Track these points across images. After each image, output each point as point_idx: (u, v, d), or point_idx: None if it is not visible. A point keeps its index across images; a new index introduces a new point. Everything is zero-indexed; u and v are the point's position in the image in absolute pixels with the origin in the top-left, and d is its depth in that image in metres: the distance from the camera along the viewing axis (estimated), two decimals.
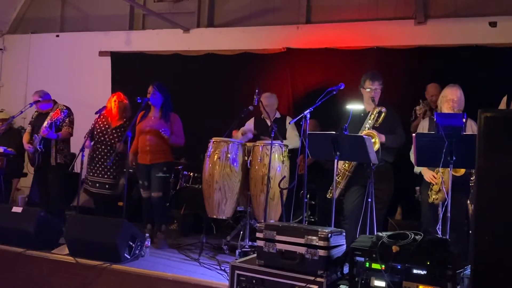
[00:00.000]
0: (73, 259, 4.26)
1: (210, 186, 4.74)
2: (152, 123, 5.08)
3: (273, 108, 5.40)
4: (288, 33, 6.80)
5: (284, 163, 4.78)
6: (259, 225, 3.55)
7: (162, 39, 7.48)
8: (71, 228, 4.48)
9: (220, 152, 4.73)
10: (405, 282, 2.89)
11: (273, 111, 5.40)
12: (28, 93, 7.94)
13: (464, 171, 3.99)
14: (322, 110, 4.53)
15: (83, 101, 6.40)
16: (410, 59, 6.08)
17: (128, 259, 4.28)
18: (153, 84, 5.12)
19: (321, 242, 3.20)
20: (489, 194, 2.64)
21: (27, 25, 8.60)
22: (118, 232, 4.25)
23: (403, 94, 5.82)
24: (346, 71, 6.00)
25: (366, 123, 4.43)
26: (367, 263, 2.98)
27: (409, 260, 2.89)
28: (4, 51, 8.71)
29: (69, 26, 8.36)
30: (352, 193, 4.47)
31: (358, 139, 4.04)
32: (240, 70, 6.85)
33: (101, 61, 7.81)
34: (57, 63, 8.10)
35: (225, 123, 5.16)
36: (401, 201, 5.59)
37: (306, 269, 3.22)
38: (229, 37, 7.10)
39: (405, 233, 3.02)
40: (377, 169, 4.19)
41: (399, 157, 4.53)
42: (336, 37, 6.50)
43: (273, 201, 4.65)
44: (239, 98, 6.17)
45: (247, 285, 3.38)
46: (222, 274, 4.01)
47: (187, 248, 5.04)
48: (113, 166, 5.28)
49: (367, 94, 4.55)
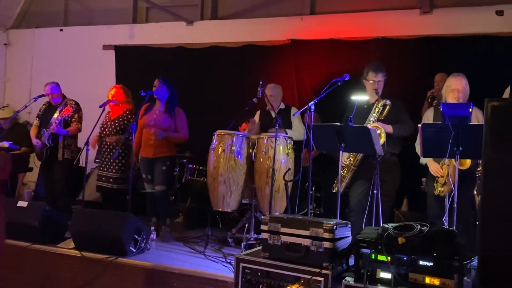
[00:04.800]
0: (78, 253, 4.28)
1: (214, 179, 4.73)
2: (156, 118, 5.06)
3: (278, 99, 5.38)
4: (292, 24, 6.75)
5: (289, 155, 4.76)
6: (263, 217, 3.55)
7: (165, 32, 7.45)
8: (76, 222, 4.49)
9: (224, 144, 4.72)
10: (411, 274, 2.87)
11: (278, 102, 5.38)
12: (33, 88, 7.99)
13: (469, 165, 3.95)
14: (327, 101, 4.51)
15: (87, 95, 6.38)
16: (416, 49, 6.02)
17: (134, 252, 4.28)
18: (159, 77, 5.11)
19: (326, 234, 3.20)
20: (496, 184, 2.61)
21: (31, 20, 8.60)
22: (123, 226, 4.25)
23: (409, 85, 5.78)
24: (351, 62, 5.95)
25: (370, 116, 4.39)
26: (372, 255, 2.96)
27: (415, 252, 2.87)
28: (8, 46, 8.72)
29: (73, 20, 8.36)
30: (358, 185, 4.45)
31: (363, 130, 4.01)
32: (244, 63, 6.82)
33: (105, 54, 7.80)
34: (61, 57, 8.10)
35: (229, 115, 5.13)
36: (408, 193, 5.55)
37: (311, 261, 3.21)
38: (233, 29, 7.06)
39: (411, 224, 2.99)
40: (383, 160, 4.17)
41: (405, 148, 4.50)
42: (341, 28, 6.45)
43: (278, 193, 4.63)
44: (243, 90, 6.13)
45: (252, 278, 3.38)
46: (227, 267, 4.00)
47: (193, 241, 5.04)
48: (120, 160, 5.27)
49: (370, 86, 4.51)
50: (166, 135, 4.97)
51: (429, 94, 5.30)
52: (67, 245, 4.47)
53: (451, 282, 2.79)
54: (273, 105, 5.20)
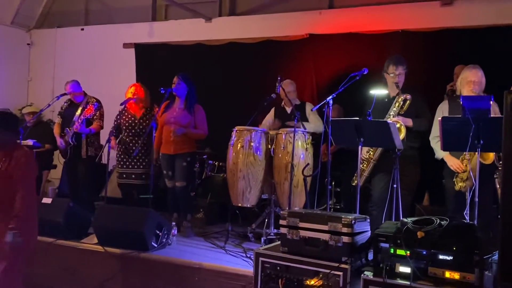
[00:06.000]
0: (101, 248, 4.37)
1: (234, 174, 4.76)
2: (176, 114, 5.11)
3: (294, 95, 5.38)
4: (310, 19, 6.71)
5: (308, 150, 4.76)
6: (282, 212, 3.56)
7: (184, 29, 7.50)
8: (99, 218, 4.57)
9: (243, 140, 4.74)
10: (431, 268, 2.85)
11: (294, 98, 5.37)
12: (55, 87, 8.12)
13: (492, 159, 3.88)
14: (345, 96, 4.50)
15: (108, 92, 6.47)
16: (436, 42, 5.92)
17: (155, 247, 4.35)
18: (178, 74, 5.16)
19: (345, 229, 3.19)
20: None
21: (53, 20, 8.74)
22: (145, 221, 4.32)
23: (429, 78, 5.70)
24: (371, 55, 5.90)
25: (390, 110, 4.36)
26: (391, 249, 2.95)
27: (434, 246, 2.84)
28: (31, 46, 8.89)
29: (93, 19, 8.47)
30: (378, 179, 4.43)
31: (382, 124, 3.98)
32: (263, 58, 6.81)
33: (126, 53, 7.89)
34: (83, 56, 8.22)
35: (248, 111, 5.15)
36: (429, 187, 5.49)
37: (330, 255, 3.22)
38: (251, 25, 7.07)
39: (430, 218, 2.96)
40: (403, 154, 4.13)
41: (426, 142, 4.44)
42: (360, 21, 6.38)
43: (297, 188, 4.64)
44: (262, 86, 6.14)
45: (271, 272, 3.40)
46: (247, 261, 4.04)
47: (213, 236, 5.09)
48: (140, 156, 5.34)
49: (391, 79, 4.47)
50: (185, 131, 5.02)
51: (448, 87, 5.23)
52: (91, 240, 4.57)
53: (472, 276, 2.75)
54: (291, 100, 5.20)
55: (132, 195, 5.47)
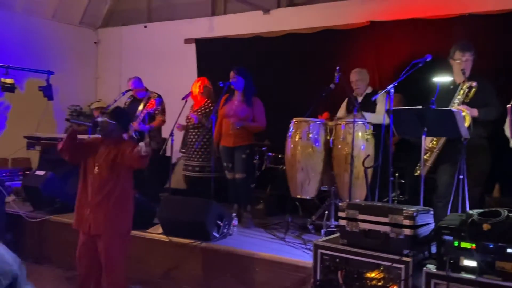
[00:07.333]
0: (166, 237, 4.52)
1: (293, 166, 4.75)
2: (235, 108, 5.17)
3: (364, 84, 5.21)
4: (371, 5, 6.52)
5: (369, 141, 4.65)
6: (341, 204, 3.52)
7: (243, 22, 7.53)
8: (164, 209, 4.72)
9: (301, 132, 4.72)
10: (498, 262, 2.72)
11: (364, 86, 5.21)
12: (122, 83, 8.43)
13: None
14: (409, 84, 4.34)
15: (171, 88, 6.64)
16: (508, 25, 5.58)
17: (217, 237, 4.45)
18: (233, 68, 5.20)
19: (407, 221, 3.11)
20: None
21: (118, 18, 9.09)
22: (207, 212, 4.43)
23: (500, 65, 5.38)
24: (436, 41, 5.65)
25: (455, 98, 4.16)
26: (455, 242, 2.83)
27: (502, 239, 2.71)
28: (98, 44, 9.29)
29: (156, 16, 8.70)
30: (443, 170, 4.25)
31: (447, 112, 3.82)
32: (322, 48, 6.71)
33: (187, 48, 8.05)
34: (146, 52, 8.47)
35: (308, 102, 5.11)
36: (500, 178, 5.21)
37: (391, 248, 3.15)
38: (309, 15, 6.98)
39: (497, 210, 2.82)
40: (469, 143, 3.93)
41: (499, 131, 4.19)
42: (423, 6, 6.13)
43: (357, 180, 4.55)
44: (321, 76, 6.06)
45: (330, 264, 3.37)
46: (307, 253, 4.03)
47: (273, 227, 5.12)
48: (200, 149, 5.46)
49: (457, 65, 4.26)
50: (243, 124, 5.06)
51: None
52: (156, 230, 4.73)
53: None
54: (359, 89, 5.08)
55: (195, 186, 5.61)
